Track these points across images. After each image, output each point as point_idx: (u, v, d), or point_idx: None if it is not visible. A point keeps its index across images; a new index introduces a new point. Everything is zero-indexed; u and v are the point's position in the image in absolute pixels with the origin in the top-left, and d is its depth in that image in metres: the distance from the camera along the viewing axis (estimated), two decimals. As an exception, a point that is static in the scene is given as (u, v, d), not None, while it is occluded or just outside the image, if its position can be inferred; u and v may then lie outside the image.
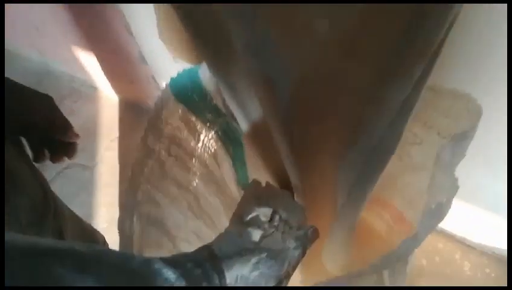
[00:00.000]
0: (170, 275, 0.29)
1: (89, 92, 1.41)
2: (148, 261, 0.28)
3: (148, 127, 0.47)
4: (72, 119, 0.44)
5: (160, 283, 0.28)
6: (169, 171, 0.47)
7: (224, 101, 0.49)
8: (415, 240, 0.43)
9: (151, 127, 0.47)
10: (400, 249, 0.44)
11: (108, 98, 1.38)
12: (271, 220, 0.38)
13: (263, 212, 0.38)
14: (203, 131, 0.49)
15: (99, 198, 1.26)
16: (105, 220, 1.19)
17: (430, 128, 0.54)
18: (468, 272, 0.91)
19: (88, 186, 1.28)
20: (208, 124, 0.49)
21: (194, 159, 0.48)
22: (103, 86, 1.33)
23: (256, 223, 0.37)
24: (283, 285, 0.37)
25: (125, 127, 1.36)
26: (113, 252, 0.28)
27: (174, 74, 0.55)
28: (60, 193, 0.58)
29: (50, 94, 0.43)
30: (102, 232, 0.73)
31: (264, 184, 0.43)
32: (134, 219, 0.45)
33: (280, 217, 0.38)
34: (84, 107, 1.40)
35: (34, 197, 0.40)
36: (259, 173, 0.49)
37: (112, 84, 1.28)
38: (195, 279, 0.30)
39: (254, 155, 0.50)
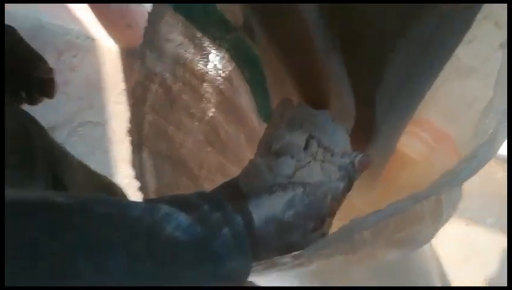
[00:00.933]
0: (182, 221, 0.23)
1: (87, 44, 1.32)
2: (153, 208, 0.23)
3: (144, 43, 0.39)
4: (74, 76, 0.38)
5: (169, 232, 0.22)
6: (178, 98, 0.40)
7: (233, 12, 0.40)
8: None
9: (148, 44, 0.38)
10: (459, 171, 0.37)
11: (109, 49, 1.30)
12: (307, 147, 0.31)
13: (297, 138, 0.31)
14: (212, 50, 0.40)
15: (116, 154, 1.23)
16: (125, 176, 1.16)
17: (485, 18, 0.44)
18: None
19: (102, 144, 1.25)
20: (217, 42, 0.41)
21: (205, 84, 0.41)
22: (101, 35, 1.25)
23: (288, 151, 0.30)
24: (326, 225, 0.30)
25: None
26: (108, 200, 0.22)
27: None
28: (74, 153, 0.54)
29: (47, 50, 0.37)
30: (124, 188, 0.69)
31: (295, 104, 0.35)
32: (144, 156, 0.39)
33: (318, 142, 0.31)
34: (85, 60, 1.32)
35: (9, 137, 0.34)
36: (283, 89, 0.42)
37: (109, 32, 1.18)
38: (213, 224, 0.25)
39: (277, 77, 0.42)
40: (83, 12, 1.11)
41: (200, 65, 0.40)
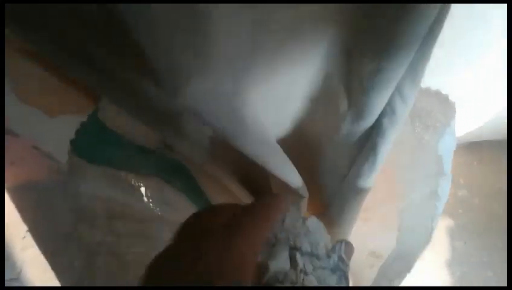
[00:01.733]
0: None
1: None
2: None
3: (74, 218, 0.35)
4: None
5: None
6: (130, 254, 0.36)
7: (147, 136, 0.39)
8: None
9: (78, 217, 0.34)
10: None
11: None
12: (292, 265, 0.28)
13: (278, 262, 0.27)
14: (140, 183, 0.38)
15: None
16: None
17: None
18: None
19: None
20: (143, 171, 0.38)
21: (146, 223, 0.38)
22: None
23: (278, 280, 0.27)
24: None
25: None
26: None
27: (66, 136, 0.43)
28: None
29: None
30: None
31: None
32: None
33: (301, 252, 0.28)
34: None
35: None
36: (225, 195, 0.41)
37: (-10, 177, 1.04)
38: None
39: (213, 182, 0.41)
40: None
41: (137, 206, 0.37)
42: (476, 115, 1.02)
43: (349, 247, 0.30)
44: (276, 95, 0.31)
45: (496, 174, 1.17)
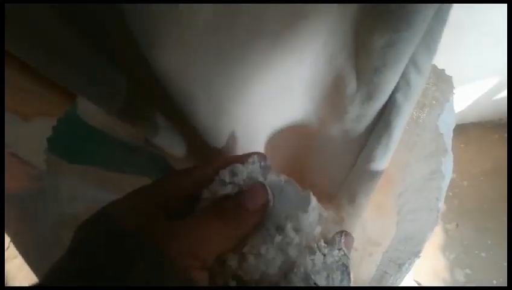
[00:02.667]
0: None
1: None
2: None
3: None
4: None
5: None
6: None
7: (129, 131, 0.36)
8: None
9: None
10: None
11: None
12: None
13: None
14: (127, 182, 0.36)
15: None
16: None
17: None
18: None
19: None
20: (130, 169, 0.36)
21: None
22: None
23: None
24: None
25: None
26: None
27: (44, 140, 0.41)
28: None
29: None
30: None
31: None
32: None
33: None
34: None
35: None
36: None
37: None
38: None
39: None
40: None
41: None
42: (461, 97, 1.03)
43: (349, 238, 0.29)
44: (274, 85, 0.30)
45: (483, 155, 1.18)
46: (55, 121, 0.42)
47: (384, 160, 0.33)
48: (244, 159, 0.28)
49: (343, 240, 0.27)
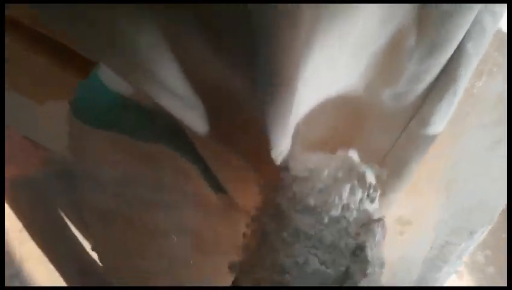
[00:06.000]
0: None
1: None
2: None
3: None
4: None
5: None
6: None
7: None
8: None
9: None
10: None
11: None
12: None
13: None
14: (151, 150, 0.32)
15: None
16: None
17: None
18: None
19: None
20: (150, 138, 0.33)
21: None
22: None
23: None
24: None
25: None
26: None
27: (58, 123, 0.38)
28: None
29: None
30: None
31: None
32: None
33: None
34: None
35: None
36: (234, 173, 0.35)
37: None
38: None
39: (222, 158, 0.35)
40: None
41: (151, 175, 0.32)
42: None
43: (384, 230, 0.25)
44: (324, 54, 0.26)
45: None
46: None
47: (444, 122, 0.30)
48: None
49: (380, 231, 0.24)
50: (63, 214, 0.51)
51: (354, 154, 0.32)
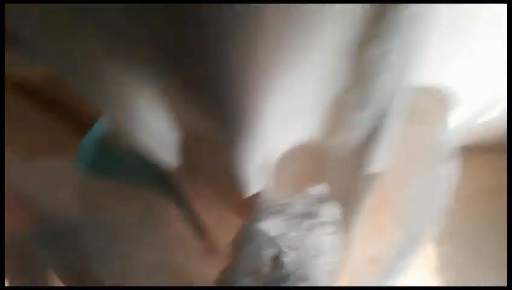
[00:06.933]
0: None
1: None
2: None
3: None
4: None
5: None
6: None
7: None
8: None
9: None
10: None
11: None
12: None
13: None
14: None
15: None
16: None
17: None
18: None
19: None
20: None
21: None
22: None
23: None
24: None
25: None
26: None
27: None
28: None
29: None
30: None
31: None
32: None
33: None
34: None
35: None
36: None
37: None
38: None
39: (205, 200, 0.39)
40: None
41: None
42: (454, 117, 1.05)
43: None
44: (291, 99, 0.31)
45: (475, 175, 1.20)
46: (65, 161, 0.42)
47: (382, 162, 0.35)
48: None
49: None
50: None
51: (320, 191, 0.37)
